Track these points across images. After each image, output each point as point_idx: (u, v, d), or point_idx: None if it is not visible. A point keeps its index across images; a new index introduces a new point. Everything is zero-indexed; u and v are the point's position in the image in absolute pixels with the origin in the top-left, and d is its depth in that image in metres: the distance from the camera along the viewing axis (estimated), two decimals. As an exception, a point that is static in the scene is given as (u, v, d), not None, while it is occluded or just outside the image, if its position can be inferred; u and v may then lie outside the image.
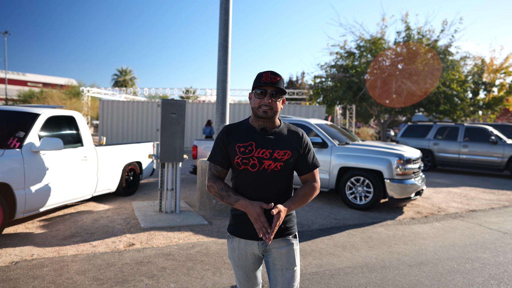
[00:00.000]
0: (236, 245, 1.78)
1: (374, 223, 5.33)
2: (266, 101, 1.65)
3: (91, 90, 24.05)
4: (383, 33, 15.92)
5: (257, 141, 1.70)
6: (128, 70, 51.98)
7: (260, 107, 1.66)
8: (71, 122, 5.15)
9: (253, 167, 1.69)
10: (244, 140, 1.71)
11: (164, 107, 5.07)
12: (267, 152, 1.68)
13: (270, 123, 1.72)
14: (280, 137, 1.73)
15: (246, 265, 1.79)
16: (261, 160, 1.68)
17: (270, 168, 1.69)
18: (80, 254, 3.70)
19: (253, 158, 1.68)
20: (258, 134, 1.71)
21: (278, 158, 1.69)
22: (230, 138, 1.74)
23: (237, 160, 1.69)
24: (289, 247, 1.74)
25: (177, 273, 3.35)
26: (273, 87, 1.65)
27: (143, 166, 6.87)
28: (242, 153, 1.69)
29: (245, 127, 1.75)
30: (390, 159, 5.89)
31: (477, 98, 19.19)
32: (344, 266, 3.64)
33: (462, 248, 4.33)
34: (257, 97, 1.68)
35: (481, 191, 8.41)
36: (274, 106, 1.67)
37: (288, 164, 1.72)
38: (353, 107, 19.86)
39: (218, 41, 5.43)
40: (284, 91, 1.70)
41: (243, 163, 1.69)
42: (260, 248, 1.74)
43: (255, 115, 1.71)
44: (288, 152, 1.71)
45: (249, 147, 1.69)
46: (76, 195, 5.06)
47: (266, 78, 1.65)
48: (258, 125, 1.73)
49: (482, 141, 11.03)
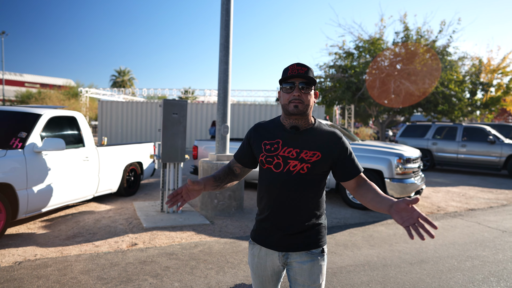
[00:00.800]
0: (256, 253, 1.65)
1: (375, 222, 5.36)
2: (296, 94, 1.49)
3: (90, 91, 24.02)
4: (382, 33, 15.99)
5: (284, 139, 1.55)
6: (126, 70, 51.93)
7: (290, 102, 1.51)
8: (72, 123, 5.16)
9: (277, 167, 1.54)
10: (271, 137, 1.58)
11: (165, 108, 5.09)
12: (293, 151, 1.52)
13: (303, 120, 1.55)
14: (311, 136, 1.55)
15: (263, 275, 1.65)
16: (286, 160, 1.52)
17: (295, 170, 1.51)
18: (83, 254, 3.72)
19: (277, 156, 1.53)
20: (287, 131, 1.56)
21: (305, 159, 1.51)
22: (258, 135, 1.63)
23: (261, 158, 1.57)
24: (312, 262, 1.56)
25: (180, 272, 3.37)
26: (301, 79, 1.50)
27: (144, 167, 6.88)
28: (267, 151, 1.56)
29: (275, 125, 1.62)
30: (390, 158, 5.93)
31: (474, 98, 19.30)
32: (346, 265, 3.67)
33: (462, 246, 4.37)
34: (285, 92, 1.53)
35: (479, 190, 8.46)
36: (305, 99, 1.51)
37: (317, 168, 1.52)
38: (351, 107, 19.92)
39: (219, 41, 5.45)
40: (315, 81, 1.53)
41: (267, 162, 1.55)
42: (281, 260, 1.59)
43: (285, 113, 1.55)
44: (317, 154, 1.51)
45: (275, 145, 1.55)
46: (78, 195, 5.07)
47: (292, 71, 1.51)
48: (289, 123, 1.57)
49: (480, 140, 11.10)
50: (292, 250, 1.56)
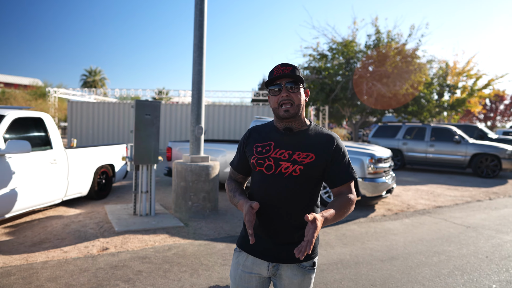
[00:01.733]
0: (242, 261, 1.54)
1: (348, 221, 5.48)
2: (284, 94, 1.44)
3: (58, 91, 23.14)
4: (354, 36, 16.37)
5: (276, 140, 1.50)
6: (97, 70, 50.42)
7: (280, 105, 1.46)
8: (39, 124, 4.96)
9: (268, 169, 1.47)
10: (263, 140, 1.53)
11: (138, 108, 4.99)
12: (286, 153, 1.46)
13: (296, 122, 1.50)
14: (305, 137, 1.50)
15: (247, 287, 1.52)
16: (278, 162, 1.46)
17: (287, 172, 1.44)
18: (51, 261, 3.58)
19: (269, 158, 1.47)
20: (280, 133, 1.51)
21: (298, 160, 1.44)
22: (251, 139, 1.58)
23: (253, 160, 1.51)
24: (303, 277, 1.49)
25: (153, 276, 3.31)
26: (288, 78, 1.45)
27: (116, 169, 6.71)
28: (258, 153, 1.51)
29: (268, 128, 1.58)
30: (362, 158, 6.07)
31: (442, 100, 20.13)
32: (320, 263, 3.73)
33: (430, 242, 4.54)
34: (273, 95, 1.48)
35: (446, 188, 8.83)
36: (295, 98, 1.45)
37: (310, 170, 1.45)
38: (326, 108, 20.29)
39: (193, 42, 5.40)
40: (302, 79, 1.47)
41: (258, 164, 1.49)
42: (270, 271, 1.50)
43: (277, 117, 1.51)
44: (311, 155, 1.45)
45: (266, 147, 1.50)
46: (45, 199, 4.87)
47: (277, 71, 1.45)
48: (282, 125, 1.52)
49: (447, 140, 11.59)
50: (283, 261, 1.47)
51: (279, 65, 1.47)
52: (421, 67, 15.90)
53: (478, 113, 36.43)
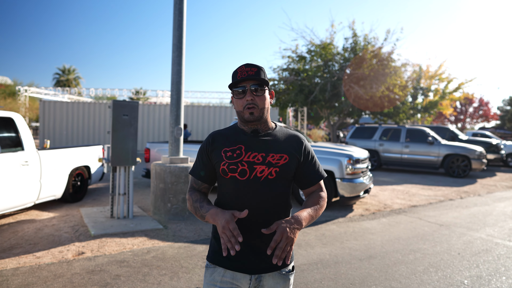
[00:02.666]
0: (218, 278, 1.40)
1: (327, 221, 5.55)
2: (249, 98, 1.38)
3: (29, 90, 22.28)
4: (332, 38, 16.66)
5: (246, 143, 1.42)
6: (71, 69, 48.82)
7: (245, 108, 1.39)
8: (9, 124, 4.75)
9: (242, 174, 1.38)
10: (231, 143, 1.43)
11: (115, 109, 4.87)
12: (259, 155, 1.39)
13: (262, 124, 1.45)
14: (275, 139, 1.45)
15: None
16: (252, 166, 1.38)
17: (263, 176, 1.38)
18: (22, 267, 3.43)
19: (242, 163, 1.39)
20: (248, 136, 1.44)
21: (272, 162, 1.40)
22: (216, 144, 1.46)
23: (223, 166, 1.40)
24: (285, 283, 1.44)
25: (132, 280, 3.23)
26: (252, 81, 1.39)
27: (92, 171, 6.52)
28: (228, 158, 1.40)
29: (233, 131, 1.49)
30: (340, 159, 6.18)
31: (416, 102, 20.79)
32: (300, 264, 3.76)
33: (406, 240, 4.67)
34: (237, 98, 1.41)
35: (420, 188, 9.12)
36: (260, 102, 1.39)
37: (285, 172, 1.42)
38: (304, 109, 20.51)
39: (172, 42, 5.33)
40: (267, 82, 1.42)
41: (230, 170, 1.39)
42: (253, 284, 1.40)
43: (241, 120, 1.44)
44: (284, 156, 1.42)
45: (237, 151, 1.41)
46: (15, 203, 4.67)
47: (242, 73, 1.39)
48: (248, 128, 1.46)
49: (421, 141, 11.97)
50: (266, 271, 1.39)
51: (243, 66, 1.41)
52: (396, 70, 16.36)
53: (449, 115, 37.86)
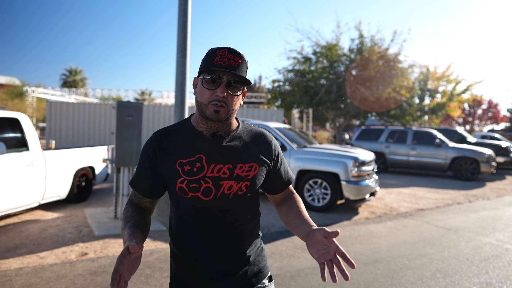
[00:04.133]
0: None
1: (332, 224, 5.49)
2: (220, 94, 1.08)
3: (37, 90, 22.47)
4: (338, 40, 16.57)
5: (207, 153, 1.15)
6: (78, 70, 49.21)
7: (210, 103, 1.10)
8: (15, 125, 4.77)
9: (206, 193, 1.14)
10: (188, 153, 1.15)
11: (119, 110, 4.86)
12: (225, 168, 1.15)
13: (225, 125, 1.18)
14: (241, 144, 1.21)
15: None
16: (218, 182, 1.14)
17: (231, 192, 1.16)
18: (26, 267, 3.43)
19: (205, 179, 1.13)
20: (208, 142, 1.16)
21: (242, 175, 1.17)
22: (165, 151, 1.16)
23: (181, 185, 1.13)
24: None
25: (134, 282, 3.21)
26: (232, 74, 1.09)
27: (97, 171, 6.53)
28: (187, 174, 1.13)
29: (186, 133, 1.19)
30: (346, 161, 6.11)
31: (423, 104, 20.60)
32: (304, 267, 3.70)
33: (412, 245, 4.59)
34: (206, 87, 1.11)
35: (427, 191, 9.00)
36: (231, 102, 1.11)
37: (256, 184, 1.21)
38: (310, 111, 20.43)
39: (176, 43, 5.32)
40: (248, 81, 1.12)
41: (191, 189, 1.13)
42: None
43: (201, 114, 1.14)
44: (254, 166, 1.20)
45: (197, 164, 1.14)
46: (20, 203, 4.68)
47: (222, 58, 1.08)
48: (207, 127, 1.17)
49: (428, 144, 11.83)
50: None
51: (226, 50, 1.10)
52: (403, 72, 16.22)
53: (457, 117, 37.47)
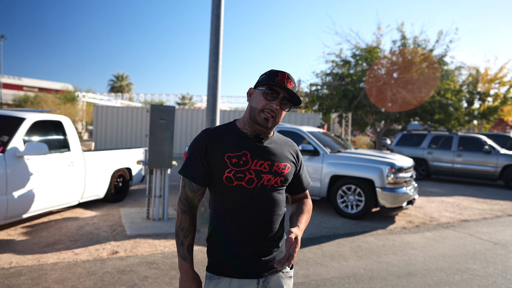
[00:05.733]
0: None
1: (365, 232, 5.26)
2: (275, 106, 1.34)
3: (87, 95, 23.97)
4: (379, 42, 16.01)
5: (252, 150, 1.38)
6: (124, 75, 51.93)
7: (263, 110, 1.35)
8: (58, 127, 5.07)
9: (249, 183, 1.35)
10: (234, 149, 1.37)
11: (153, 113, 5.01)
12: (265, 164, 1.38)
13: (267, 131, 1.43)
14: (277, 147, 1.46)
15: None
16: (260, 174, 1.37)
17: (269, 184, 1.39)
18: (61, 262, 3.61)
19: (249, 171, 1.35)
20: (252, 141, 1.40)
21: (278, 172, 1.40)
22: (216, 146, 1.38)
23: (229, 174, 1.34)
24: (289, 282, 1.51)
25: (159, 282, 3.26)
26: (287, 93, 1.36)
27: (133, 172, 6.78)
28: (234, 165, 1.35)
29: (233, 133, 1.42)
30: (381, 167, 5.84)
31: (472, 108, 19.30)
32: (331, 277, 3.56)
33: (452, 258, 4.26)
34: (264, 97, 1.36)
35: (474, 200, 8.37)
36: (279, 115, 1.37)
37: (287, 180, 1.45)
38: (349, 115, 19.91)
39: (209, 47, 5.40)
40: (299, 101, 1.38)
41: (237, 178, 1.34)
42: (261, 287, 1.42)
43: (251, 118, 1.38)
44: (288, 165, 1.45)
45: (243, 158, 1.36)
46: (62, 201, 4.96)
47: (282, 79, 1.34)
48: (252, 131, 1.41)
49: (476, 150, 11.03)
50: (272, 274, 1.43)
51: (285, 73, 1.37)
52: (449, 74, 15.34)
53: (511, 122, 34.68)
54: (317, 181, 6.33)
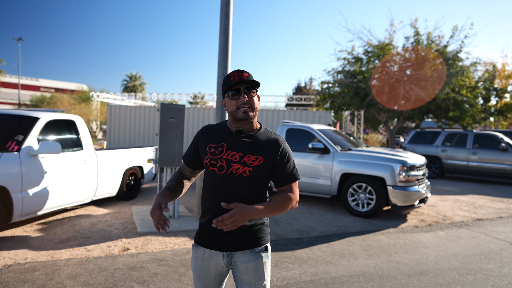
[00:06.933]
0: (200, 255, 1.69)
1: (376, 230, 5.20)
2: (243, 99, 1.57)
3: (101, 95, 24.37)
4: (391, 38, 15.77)
5: (229, 143, 1.63)
6: (137, 75, 52.54)
7: (239, 108, 1.58)
8: (71, 126, 5.18)
9: (220, 169, 1.60)
10: (216, 141, 1.65)
11: (163, 112, 5.07)
12: (237, 155, 1.59)
13: (249, 125, 1.64)
14: (255, 141, 1.63)
15: (207, 278, 1.69)
16: (230, 163, 1.59)
17: (238, 173, 1.58)
18: (74, 258, 3.69)
19: (221, 159, 1.60)
20: (232, 136, 1.64)
21: (247, 163, 1.58)
22: (204, 138, 1.69)
23: (206, 160, 1.64)
24: (257, 260, 1.64)
25: (168, 279, 3.30)
26: (246, 84, 1.59)
27: (145, 171, 6.87)
28: (211, 154, 1.63)
29: (221, 129, 1.69)
30: (393, 165, 5.76)
31: (488, 105, 18.84)
32: (340, 275, 3.54)
33: (465, 258, 4.18)
34: (232, 99, 1.60)
35: (489, 199, 8.18)
36: (252, 102, 1.59)
37: (259, 172, 1.60)
38: (361, 113, 19.69)
39: (218, 46, 5.42)
40: (257, 83, 1.60)
41: (211, 164, 1.62)
42: (225, 260, 1.65)
43: (234, 119, 1.62)
44: (260, 158, 1.59)
45: (219, 148, 1.62)
46: (75, 199, 5.07)
47: (235, 77, 1.58)
48: (235, 127, 1.65)
49: (492, 148, 10.78)
50: (236, 250, 1.63)
51: (235, 71, 1.59)
52: (464, 70, 15.01)
53: (530, 119, 33.72)
54: (327, 179, 6.29)
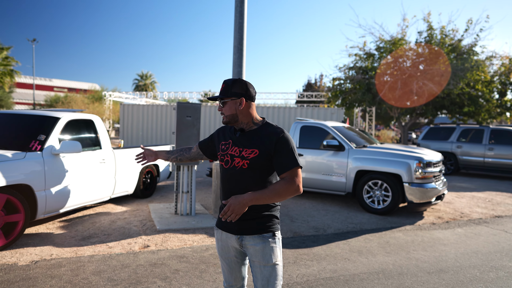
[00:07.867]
0: (219, 237, 1.92)
1: (392, 228, 5.18)
2: (219, 109, 1.86)
3: (113, 95, 24.67)
4: (404, 33, 15.57)
5: (234, 140, 1.86)
6: (148, 74, 53.02)
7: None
8: (90, 126, 5.28)
9: (226, 163, 1.85)
10: (226, 138, 1.92)
11: (179, 110, 5.12)
12: (237, 150, 1.81)
13: (243, 124, 1.86)
14: (253, 136, 1.82)
15: (228, 257, 1.91)
16: (233, 157, 1.82)
17: (238, 166, 1.79)
18: (97, 255, 3.78)
19: (227, 155, 1.84)
20: (236, 133, 1.88)
21: (245, 156, 1.78)
22: (219, 137, 1.98)
23: (218, 156, 1.92)
24: (264, 244, 1.79)
25: (189, 275, 3.35)
26: (219, 97, 1.84)
27: (161, 169, 6.95)
28: (222, 150, 1.89)
29: (231, 128, 1.95)
30: (409, 162, 5.72)
31: (504, 99, 18.46)
32: (360, 272, 3.55)
33: (486, 255, 4.14)
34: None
35: (508, 196, 8.05)
36: (226, 111, 1.83)
37: (256, 163, 1.77)
38: (372, 109, 19.51)
39: (233, 44, 5.45)
40: (231, 93, 1.81)
41: (221, 159, 1.88)
42: (237, 242, 1.84)
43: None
44: (255, 151, 1.77)
45: (227, 145, 1.87)
46: (95, 196, 5.17)
47: (211, 96, 1.89)
48: (237, 126, 1.90)
49: (509, 143, 10.59)
50: (245, 234, 1.80)
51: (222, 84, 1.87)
52: (479, 64, 14.73)
53: (547, 113, 32.90)
54: (343, 176, 6.28)
